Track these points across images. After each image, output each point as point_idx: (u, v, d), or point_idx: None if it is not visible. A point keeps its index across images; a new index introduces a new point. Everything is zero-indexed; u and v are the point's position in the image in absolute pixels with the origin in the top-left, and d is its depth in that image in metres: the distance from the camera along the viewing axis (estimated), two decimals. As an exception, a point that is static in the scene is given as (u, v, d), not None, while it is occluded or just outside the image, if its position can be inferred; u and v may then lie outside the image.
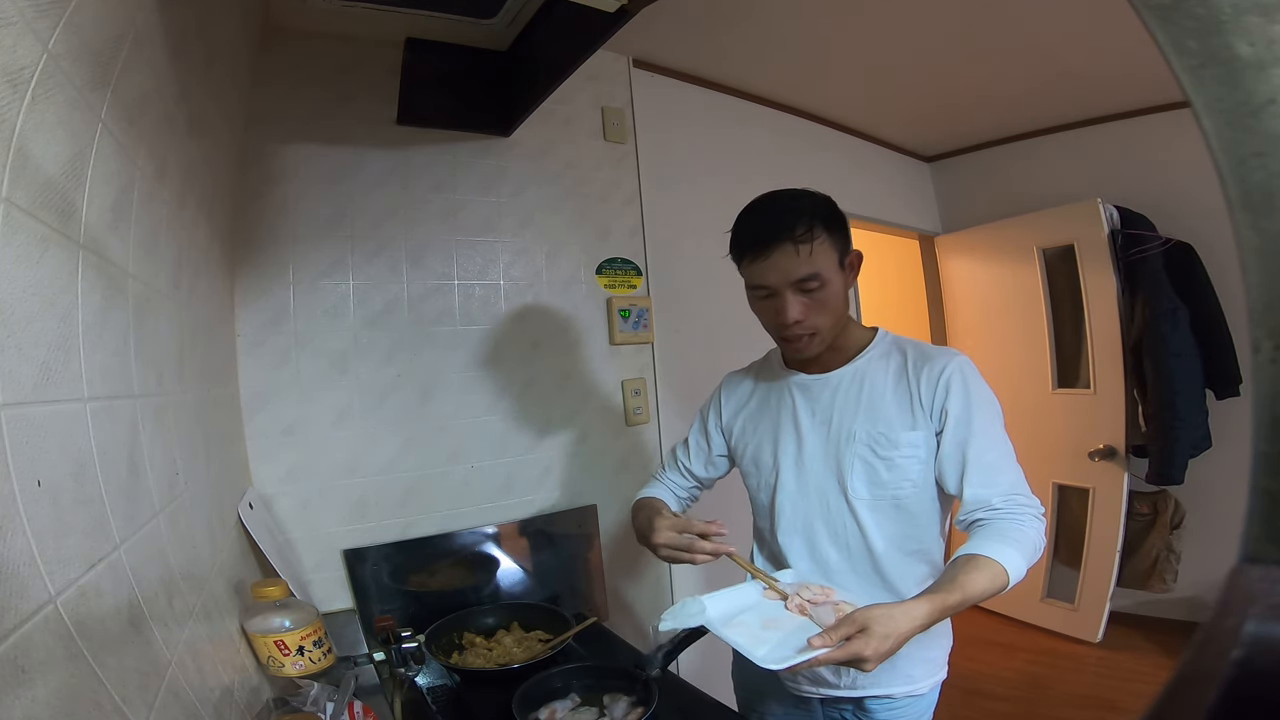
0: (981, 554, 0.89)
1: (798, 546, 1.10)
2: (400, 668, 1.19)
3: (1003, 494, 0.96)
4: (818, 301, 0.99)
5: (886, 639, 0.79)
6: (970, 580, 0.87)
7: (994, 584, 0.87)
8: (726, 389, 1.26)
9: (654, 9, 1.12)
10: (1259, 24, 0.25)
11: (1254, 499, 0.27)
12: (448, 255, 1.69)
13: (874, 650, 0.77)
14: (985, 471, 0.97)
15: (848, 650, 0.78)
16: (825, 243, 0.98)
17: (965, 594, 0.85)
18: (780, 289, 0.99)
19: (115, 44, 0.63)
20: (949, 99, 2.67)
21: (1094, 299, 2.69)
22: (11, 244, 0.46)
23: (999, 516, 0.94)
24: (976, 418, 0.98)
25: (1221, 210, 0.27)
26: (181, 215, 0.94)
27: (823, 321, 1.01)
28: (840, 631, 0.79)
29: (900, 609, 0.82)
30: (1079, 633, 2.72)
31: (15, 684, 0.40)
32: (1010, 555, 0.89)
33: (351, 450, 1.54)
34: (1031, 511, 0.95)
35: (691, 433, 1.29)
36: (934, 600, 0.84)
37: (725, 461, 1.27)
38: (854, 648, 0.78)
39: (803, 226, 0.96)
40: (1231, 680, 0.23)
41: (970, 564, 0.89)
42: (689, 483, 1.29)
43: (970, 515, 0.97)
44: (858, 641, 0.78)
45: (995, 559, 0.88)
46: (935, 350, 1.05)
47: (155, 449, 0.75)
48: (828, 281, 0.99)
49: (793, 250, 0.96)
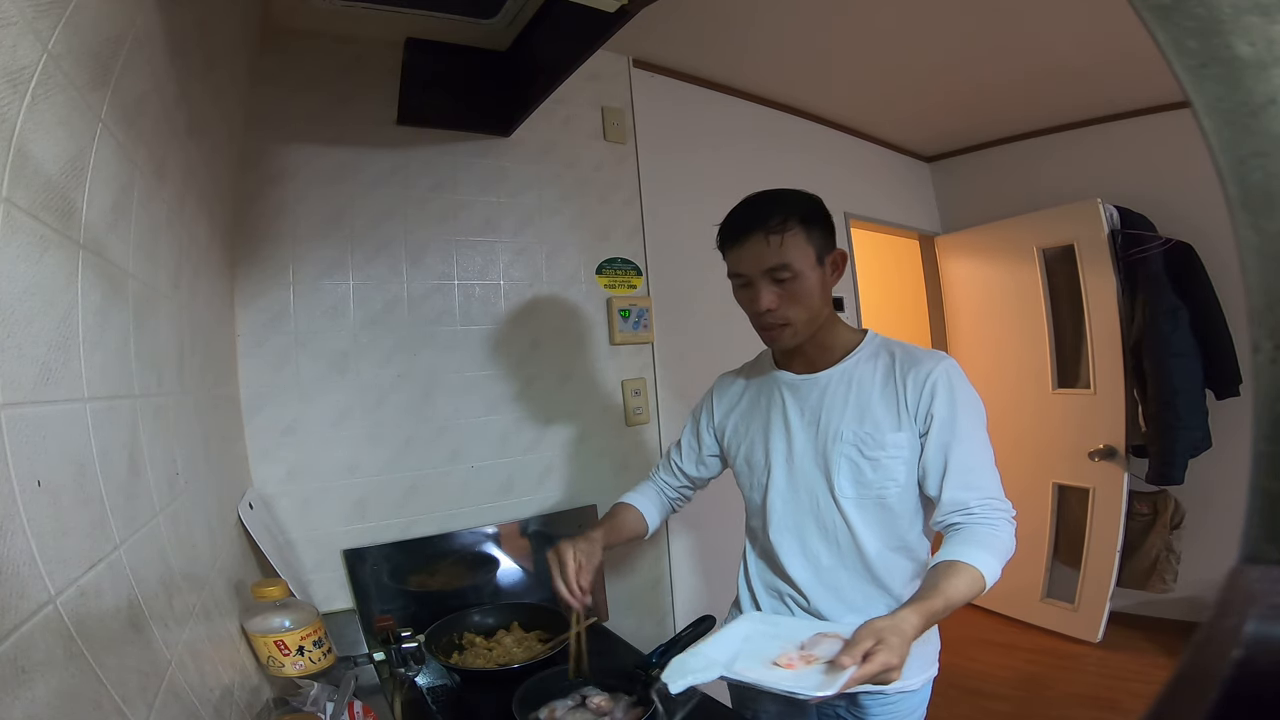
0: (960, 560, 0.92)
1: (789, 544, 1.12)
2: (400, 668, 1.19)
3: (979, 498, 0.98)
4: (790, 293, 1.03)
5: (903, 645, 0.80)
6: (952, 586, 0.89)
7: (973, 589, 0.91)
8: (718, 390, 1.28)
9: (654, 9, 1.12)
10: (1259, 24, 0.25)
11: (1254, 499, 0.27)
12: (448, 255, 1.69)
13: (899, 657, 0.79)
14: (965, 475, 1.00)
15: (877, 663, 0.78)
16: (799, 236, 1.01)
17: (949, 600, 0.88)
18: (754, 278, 1.04)
19: (115, 44, 0.63)
20: (949, 99, 2.67)
21: (1094, 299, 2.69)
22: (11, 244, 0.46)
23: (974, 521, 0.97)
24: (961, 422, 1.00)
25: (1221, 210, 0.27)
26: (181, 215, 0.94)
27: (796, 314, 1.04)
28: (861, 648, 0.79)
29: (899, 617, 0.83)
30: (1079, 633, 2.72)
31: (15, 684, 0.40)
32: (987, 560, 0.92)
33: (351, 450, 1.54)
34: (1004, 516, 0.98)
35: (684, 433, 1.32)
36: (923, 608, 0.86)
37: (717, 462, 1.29)
38: (882, 659, 0.78)
39: (776, 218, 1.01)
40: (1231, 680, 0.23)
41: (951, 570, 0.92)
42: (680, 482, 1.32)
43: (947, 518, 1.00)
44: (883, 653, 0.78)
45: (973, 564, 0.91)
46: (923, 353, 1.07)
47: (155, 449, 0.75)
48: (800, 274, 1.02)
49: (764, 239, 1.01)
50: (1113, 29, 2.00)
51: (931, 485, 1.02)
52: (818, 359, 1.12)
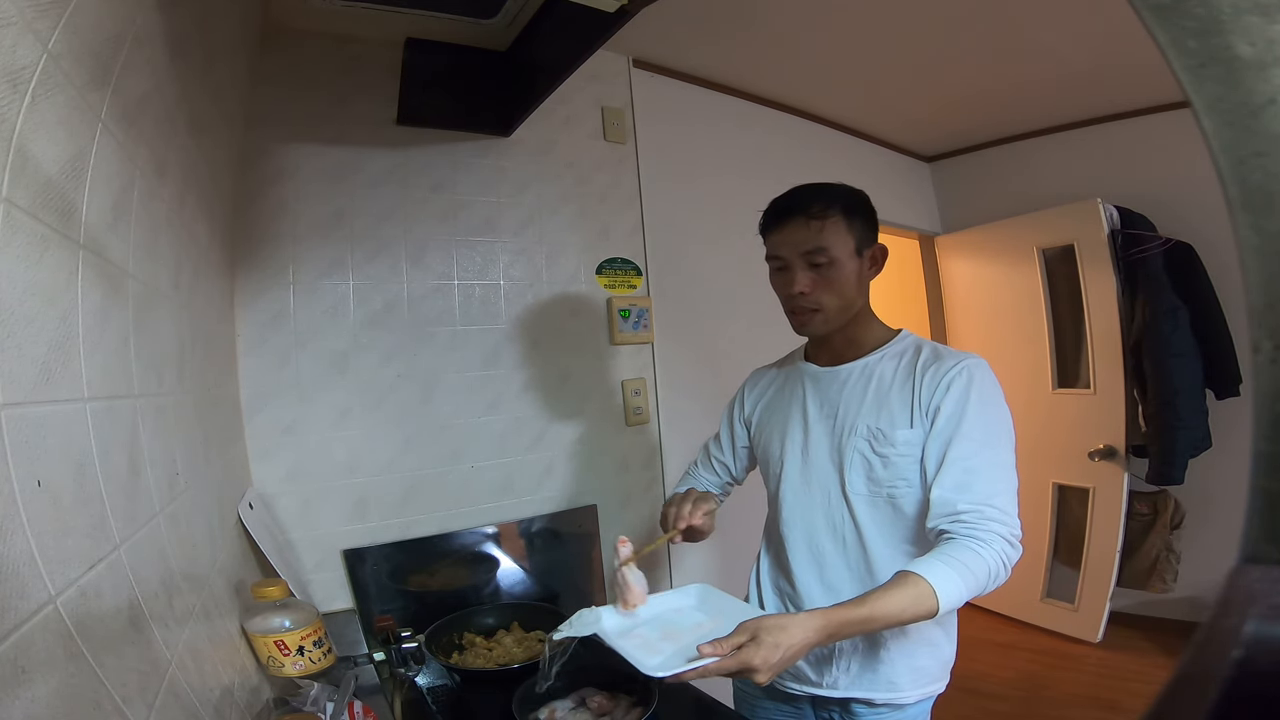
0: (916, 573, 0.85)
1: (796, 537, 1.11)
2: (400, 668, 1.19)
3: (973, 501, 0.90)
4: (825, 279, 1.03)
5: (776, 648, 0.77)
6: (886, 601, 0.84)
7: (915, 609, 0.84)
8: (751, 381, 1.29)
9: (654, 9, 1.12)
10: (1259, 24, 0.25)
11: (1254, 499, 0.27)
12: (448, 255, 1.69)
13: (762, 660, 0.76)
14: (961, 474, 0.92)
15: (738, 659, 0.77)
16: (840, 224, 1.02)
17: (874, 614, 0.83)
18: (791, 261, 1.04)
19: (115, 44, 0.63)
20: (949, 99, 2.67)
21: (1094, 299, 2.69)
22: (11, 244, 0.46)
23: (962, 531, 0.89)
24: (970, 420, 0.95)
25: (1221, 210, 0.27)
26: (181, 215, 0.94)
27: (829, 300, 1.03)
28: (731, 640, 0.79)
29: (795, 620, 0.81)
30: (1079, 633, 2.72)
31: (15, 684, 0.40)
32: (949, 581, 0.84)
33: (351, 450, 1.54)
34: (1000, 530, 0.88)
35: (721, 427, 1.32)
36: (835, 615, 0.83)
37: (749, 454, 1.28)
38: (743, 656, 0.77)
39: (819, 204, 1.02)
40: (1231, 680, 0.23)
41: (896, 582, 0.86)
42: (719, 479, 1.31)
43: (936, 522, 0.93)
44: (747, 650, 0.77)
45: (930, 581, 0.84)
46: (950, 352, 1.03)
47: (155, 449, 0.75)
48: (837, 261, 1.02)
49: (804, 223, 1.02)
50: (1113, 29, 2.00)
51: (929, 482, 0.97)
52: (844, 352, 1.11)
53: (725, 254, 2.19)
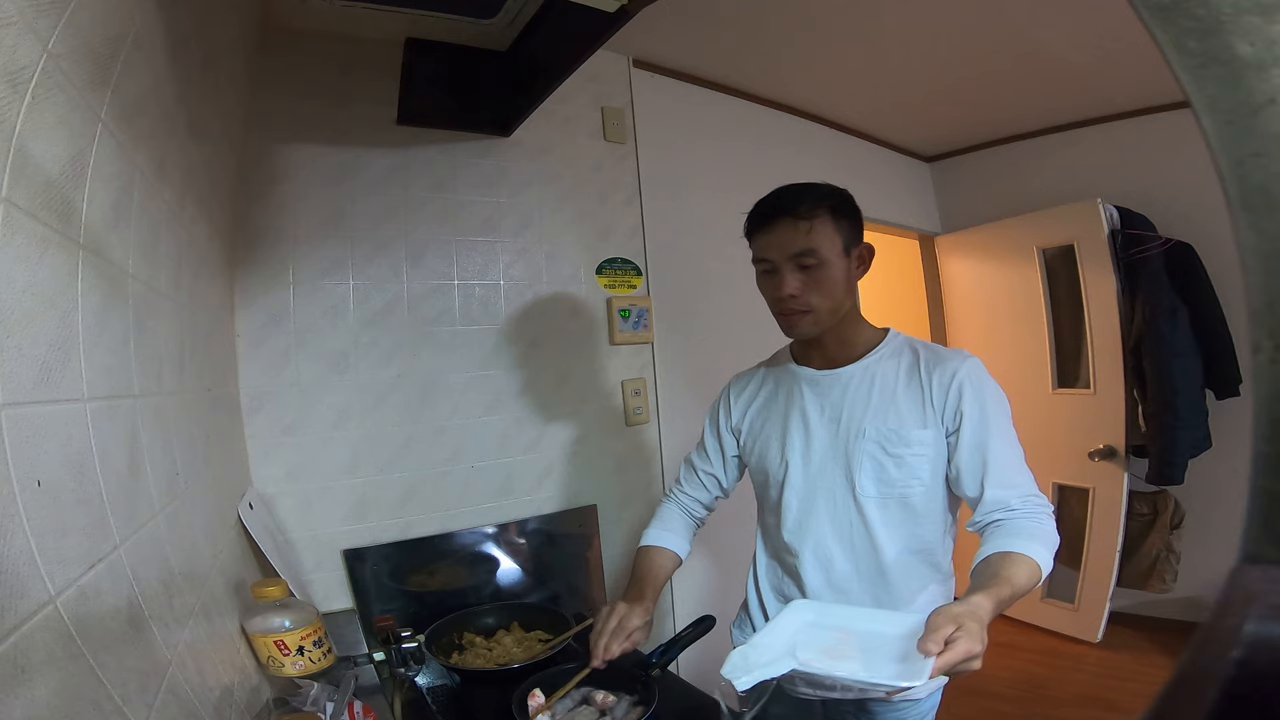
0: (1014, 551, 0.89)
1: (802, 544, 1.10)
2: (400, 668, 1.19)
3: (1021, 495, 0.97)
4: (814, 280, 1.02)
5: (982, 631, 0.76)
6: (1015, 575, 0.86)
7: (1032, 578, 0.88)
8: (734, 388, 1.26)
9: (654, 9, 1.12)
10: (1259, 24, 0.25)
11: (1254, 499, 0.27)
12: (448, 255, 1.69)
13: (982, 642, 0.74)
14: (1004, 473, 0.98)
15: (959, 650, 0.73)
16: (827, 224, 1.01)
17: (1014, 588, 0.85)
18: (779, 263, 1.03)
19: (115, 44, 0.63)
20: (949, 99, 2.67)
21: (1094, 299, 2.69)
22: (11, 244, 0.46)
23: (1017, 516, 0.95)
24: (993, 420, 1.00)
25: (1221, 210, 0.27)
26: (181, 215, 0.94)
27: (819, 301, 1.03)
28: (941, 634, 0.74)
29: (973, 603, 0.79)
30: (1079, 633, 2.72)
31: (15, 684, 0.40)
32: (1039, 550, 0.90)
33: (351, 450, 1.54)
34: (1046, 511, 0.97)
35: (704, 439, 1.29)
36: (992, 594, 0.82)
37: (739, 463, 1.27)
38: (964, 646, 0.73)
39: (805, 205, 1.01)
40: (1231, 680, 0.23)
41: (1008, 560, 0.89)
42: (708, 495, 1.28)
43: (989, 516, 0.98)
44: (964, 640, 0.73)
45: (1028, 554, 0.89)
46: (947, 351, 1.06)
47: (155, 449, 0.75)
48: (826, 261, 1.01)
49: (792, 224, 1.01)
50: (1113, 29, 2.00)
51: (970, 486, 1.00)
52: (838, 354, 1.10)
53: (725, 254, 2.19)
